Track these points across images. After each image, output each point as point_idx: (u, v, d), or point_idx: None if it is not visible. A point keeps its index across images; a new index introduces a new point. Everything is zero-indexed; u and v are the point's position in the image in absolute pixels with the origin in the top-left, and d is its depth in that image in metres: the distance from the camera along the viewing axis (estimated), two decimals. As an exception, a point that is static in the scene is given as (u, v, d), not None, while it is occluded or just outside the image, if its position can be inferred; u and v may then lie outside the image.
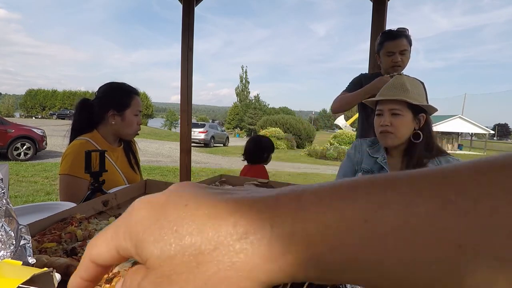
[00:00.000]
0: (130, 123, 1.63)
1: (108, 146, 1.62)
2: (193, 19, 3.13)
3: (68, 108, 40.40)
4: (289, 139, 21.65)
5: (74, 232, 0.82)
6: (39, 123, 23.14)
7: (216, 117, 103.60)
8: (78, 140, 1.57)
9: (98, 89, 1.69)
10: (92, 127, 1.62)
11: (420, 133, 1.36)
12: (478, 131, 33.79)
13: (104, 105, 1.60)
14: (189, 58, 3.13)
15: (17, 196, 5.07)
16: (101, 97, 1.64)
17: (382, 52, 2.07)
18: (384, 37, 2.08)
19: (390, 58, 2.03)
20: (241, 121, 46.94)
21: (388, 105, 1.35)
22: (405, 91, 1.33)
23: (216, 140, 19.92)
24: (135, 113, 1.64)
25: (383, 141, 1.41)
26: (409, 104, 1.33)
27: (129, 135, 1.69)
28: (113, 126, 1.61)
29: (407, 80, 1.38)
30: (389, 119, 1.34)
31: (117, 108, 1.59)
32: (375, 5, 2.72)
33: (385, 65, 2.09)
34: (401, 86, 1.35)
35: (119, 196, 1.13)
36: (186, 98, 3.16)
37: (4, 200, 0.55)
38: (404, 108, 1.33)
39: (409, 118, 1.35)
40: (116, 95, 1.63)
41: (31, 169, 7.51)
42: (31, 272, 0.42)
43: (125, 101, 1.62)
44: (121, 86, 1.67)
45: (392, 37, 2.04)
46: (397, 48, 2.00)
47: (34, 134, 9.14)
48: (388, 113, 1.35)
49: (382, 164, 1.43)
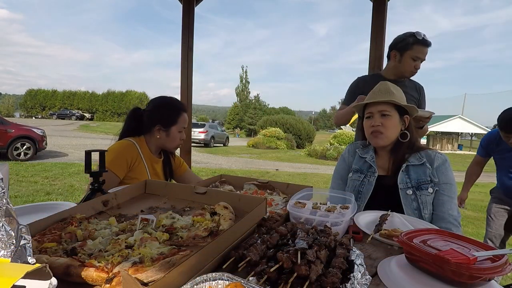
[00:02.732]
0: (174, 138, 1.73)
1: (150, 155, 1.72)
2: (193, 19, 3.13)
3: (68, 108, 40.41)
4: (289, 139, 21.63)
5: (74, 232, 0.82)
6: (39, 123, 23.15)
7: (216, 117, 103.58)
8: (125, 140, 1.66)
9: (150, 100, 1.79)
10: (140, 133, 1.72)
11: (408, 132, 1.48)
12: (478, 131, 33.76)
13: (153, 118, 1.69)
14: (189, 58, 3.14)
15: (17, 196, 5.07)
16: (150, 110, 1.72)
17: (409, 53, 2.03)
18: (415, 40, 2.02)
19: (415, 62, 2.02)
20: (241, 121, 46.92)
21: (377, 107, 1.46)
22: (391, 95, 1.45)
23: (216, 140, 19.91)
24: (180, 129, 1.73)
25: (374, 142, 1.50)
26: (396, 105, 1.45)
27: (171, 149, 1.80)
28: (158, 139, 1.70)
29: (391, 85, 1.50)
30: (379, 120, 1.45)
31: (164, 124, 1.68)
32: (375, 5, 2.73)
33: (406, 67, 2.07)
34: (386, 91, 1.47)
35: (119, 196, 1.13)
36: (186, 98, 3.16)
37: (4, 200, 0.55)
38: (392, 110, 1.45)
39: (396, 119, 1.46)
40: (165, 111, 1.72)
41: (31, 169, 7.51)
42: (25, 270, 0.42)
43: (173, 117, 1.70)
44: (170, 103, 1.75)
45: (424, 43, 2.01)
46: (424, 55, 2.01)
47: (34, 134, 9.14)
48: (378, 115, 1.46)
49: (370, 163, 1.53)
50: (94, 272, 0.63)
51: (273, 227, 0.94)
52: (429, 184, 1.39)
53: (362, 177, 1.52)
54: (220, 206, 1.00)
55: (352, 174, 1.57)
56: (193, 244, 0.81)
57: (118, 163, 1.55)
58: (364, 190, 1.50)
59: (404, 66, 2.06)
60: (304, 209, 1.12)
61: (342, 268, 0.72)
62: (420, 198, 1.38)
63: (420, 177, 1.41)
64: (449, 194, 1.39)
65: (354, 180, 1.55)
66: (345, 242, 0.84)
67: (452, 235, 0.88)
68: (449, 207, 1.37)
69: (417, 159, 1.45)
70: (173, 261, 0.66)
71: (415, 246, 0.78)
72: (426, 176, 1.41)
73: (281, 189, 1.48)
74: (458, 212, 1.38)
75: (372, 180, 1.49)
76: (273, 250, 0.78)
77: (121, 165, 1.56)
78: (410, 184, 1.41)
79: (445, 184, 1.40)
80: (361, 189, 1.51)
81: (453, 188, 1.41)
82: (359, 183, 1.52)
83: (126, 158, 1.58)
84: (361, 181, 1.52)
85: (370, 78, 2.26)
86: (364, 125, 1.52)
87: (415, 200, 1.39)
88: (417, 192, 1.39)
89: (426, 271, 0.76)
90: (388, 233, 1.00)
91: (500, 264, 0.70)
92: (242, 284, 0.59)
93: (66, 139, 15.36)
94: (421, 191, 1.39)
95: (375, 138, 1.47)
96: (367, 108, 1.50)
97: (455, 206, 1.39)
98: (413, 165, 1.44)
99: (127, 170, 1.59)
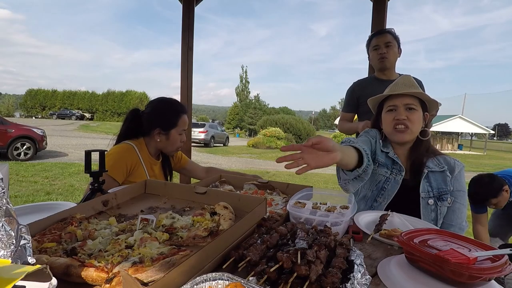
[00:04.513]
0: (175, 141, 1.69)
1: (149, 158, 1.69)
2: (193, 19, 3.13)
3: (68, 108, 40.39)
4: (289, 139, 21.62)
5: (74, 232, 0.82)
6: (39, 123, 23.14)
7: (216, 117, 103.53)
8: (125, 144, 1.62)
9: (149, 102, 1.74)
10: (138, 135, 1.68)
11: (427, 130, 1.40)
12: (478, 131, 33.76)
13: (152, 121, 1.65)
14: (189, 58, 3.14)
15: (17, 196, 5.06)
16: (149, 112, 1.67)
17: (370, 48, 2.24)
18: (370, 36, 2.27)
19: (376, 51, 2.18)
20: (241, 121, 46.90)
21: (403, 100, 1.34)
22: (416, 88, 1.35)
23: (216, 140, 19.89)
24: (180, 132, 1.69)
25: (398, 136, 1.37)
26: (420, 100, 1.36)
27: (171, 152, 1.76)
28: (158, 142, 1.67)
29: (414, 79, 1.41)
30: (405, 113, 1.34)
31: (164, 127, 1.64)
32: (375, 5, 2.73)
33: (373, 60, 2.24)
34: (411, 84, 1.37)
35: (119, 196, 1.12)
36: (186, 98, 3.16)
37: (4, 200, 0.55)
38: (417, 104, 1.35)
39: (420, 114, 1.36)
40: (165, 113, 1.67)
41: (31, 169, 7.51)
42: (25, 271, 0.42)
43: (173, 120, 1.66)
44: (170, 105, 1.71)
45: (377, 33, 2.23)
46: (381, 42, 2.16)
47: (34, 134, 9.13)
48: (403, 108, 1.34)
49: (394, 158, 1.41)
50: (94, 272, 0.63)
51: (273, 227, 0.94)
52: (448, 194, 1.34)
53: (388, 173, 1.40)
54: (220, 206, 1.00)
55: (378, 167, 1.42)
56: (193, 244, 0.81)
57: (118, 168, 1.52)
58: (389, 187, 1.38)
59: (372, 60, 2.27)
60: (304, 209, 1.12)
61: (342, 268, 0.71)
62: (440, 209, 1.34)
63: (440, 186, 1.35)
64: (462, 202, 1.35)
65: (379, 174, 1.41)
66: (345, 242, 0.84)
67: (452, 235, 0.88)
68: (459, 216, 1.34)
69: (436, 165, 1.38)
70: (173, 261, 0.66)
71: (415, 246, 0.78)
72: (446, 186, 1.35)
73: (281, 189, 1.48)
74: (466, 223, 1.35)
75: (398, 179, 1.38)
76: (273, 250, 0.78)
77: (120, 170, 1.53)
78: (432, 193, 1.34)
79: (458, 191, 1.36)
80: (386, 186, 1.39)
81: (465, 196, 1.37)
82: (384, 179, 1.40)
83: (126, 163, 1.56)
84: (386, 177, 1.40)
85: (364, 81, 2.36)
86: (385, 120, 1.40)
87: (434, 210, 1.34)
88: (438, 203, 1.34)
89: (426, 271, 0.75)
90: (388, 233, 1.00)
91: (500, 264, 0.70)
92: (242, 284, 0.59)
93: (66, 139, 15.35)
94: (441, 202, 1.34)
95: (400, 133, 1.35)
96: (389, 101, 1.38)
97: (464, 216, 1.36)
98: (432, 172, 1.36)
99: (127, 175, 1.57)
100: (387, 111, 1.40)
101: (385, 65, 2.16)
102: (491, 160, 22.07)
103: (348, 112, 2.39)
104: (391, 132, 1.39)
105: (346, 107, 2.39)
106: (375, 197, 1.42)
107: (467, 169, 2.95)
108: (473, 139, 35.76)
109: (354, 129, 2.26)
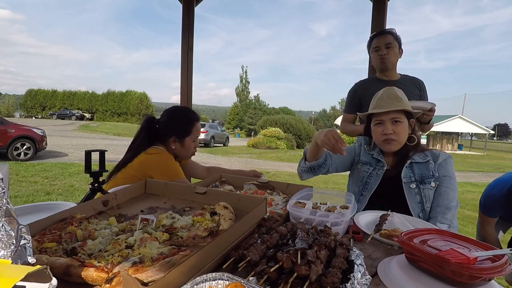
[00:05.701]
0: (189, 148, 1.78)
1: None
2: (193, 19, 3.13)
3: (68, 108, 40.39)
4: (289, 139, 21.62)
5: (74, 232, 0.82)
6: (39, 123, 23.14)
7: (216, 117, 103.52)
8: (161, 150, 1.69)
9: (164, 111, 1.82)
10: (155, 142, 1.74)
11: (415, 136, 1.50)
12: (478, 131, 33.75)
13: (167, 130, 1.73)
14: (189, 58, 3.14)
15: (17, 196, 5.06)
16: (165, 121, 1.76)
17: (371, 49, 2.24)
18: (371, 36, 2.27)
19: (377, 53, 2.18)
20: (241, 121, 46.89)
21: (389, 115, 1.46)
22: (399, 101, 1.46)
23: (216, 140, 19.91)
24: (194, 139, 1.78)
25: (387, 148, 1.51)
26: (405, 111, 1.47)
27: (185, 158, 1.86)
28: (173, 149, 1.75)
29: (397, 90, 1.51)
30: (391, 127, 1.46)
31: (179, 135, 1.73)
32: (375, 5, 2.73)
33: (374, 61, 2.25)
34: (395, 97, 1.47)
35: (119, 196, 1.12)
36: (186, 98, 3.16)
37: (4, 200, 0.55)
38: (402, 116, 1.47)
39: (406, 124, 1.48)
40: (179, 122, 1.76)
41: (31, 169, 7.50)
42: (25, 271, 0.42)
43: (187, 128, 1.75)
44: (184, 114, 1.80)
45: (378, 34, 2.23)
46: (382, 43, 2.16)
47: (34, 134, 9.13)
48: (389, 122, 1.46)
49: (378, 158, 1.56)
50: (94, 272, 0.63)
51: (273, 227, 0.94)
52: (431, 178, 1.43)
53: (371, 170, 1.56)
54: (220, 206, 1.00)
55: (361, 165, 1.61)
56: (193, 244, 0.81)
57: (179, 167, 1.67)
58: (371, 181, 1.54)
59: (373, 61, 2.26)
60: (304, 209, 1.12)
61: (342, 268, 0.72)
62: (423, 191, 1.43)
63: (423, 172, 1.46)
64: (448, 186, 1.43)
65: (363, 171, 1.59)
66: (345, 242, 0.84)
67: (452, 235, 0.88)
68: (445, 197, 1.40)
69: (421, 158, 1.49)
70: (173, 261, 0.66)
71: (415, 246, 0.78)
72: (429, 171, 1.45)
73: (281, 189, 1.48)
74: (457, 203, 1.41)
75: (380, 173, 1.53)
76: (273, 250, 0.78)
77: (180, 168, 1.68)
78: (414, 178, 1.46)
79: (444, 176, 1.44)
80: (368, 180, 1.55)
81: (452, 181, 1.44)
82: (367, 175, 1.57)
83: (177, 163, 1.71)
84: (369, 173, 1.56)
85: (366, 82, 2.35)
86: (374, 132, 1.54)
87: (418, 193, 1.44)
88: (420, 186, 1.44)
89: (426, 271, 0.76)
90: (388, 233, 1.00)
91: (500, 264, 0.70)
92: (242, 284, 0.59)
93: (66, 139, 15.33)
94: (424, 185, 1.43)
95: (388, 145, 1.48)
96: (376, 115, 1.50)
97: (453, 197, 1.41)
98: (416, 162, 1.48)
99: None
100: (375, 124, 1.52)
101: (386, 66, 2.17)
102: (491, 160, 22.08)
103: (351, 113, 2.38)
104: (380, 144, 1.54)
105: (348, 108, 2.38)
106: (361, 191, 1.57)
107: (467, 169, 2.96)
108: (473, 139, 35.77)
109: (358, 131, 2.25)
